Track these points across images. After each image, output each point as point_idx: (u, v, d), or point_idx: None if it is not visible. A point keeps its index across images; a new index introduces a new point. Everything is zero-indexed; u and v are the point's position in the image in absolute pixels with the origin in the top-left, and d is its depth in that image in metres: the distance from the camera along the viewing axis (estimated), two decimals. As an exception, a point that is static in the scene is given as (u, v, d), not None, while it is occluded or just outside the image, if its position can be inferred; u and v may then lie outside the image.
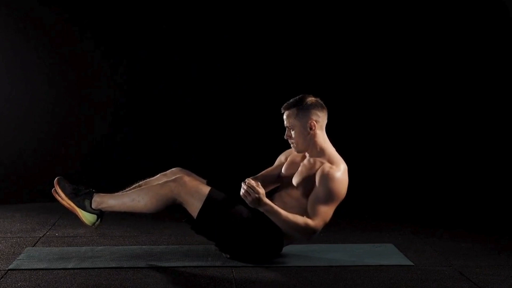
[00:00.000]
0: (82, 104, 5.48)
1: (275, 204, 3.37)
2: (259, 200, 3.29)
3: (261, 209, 3.33)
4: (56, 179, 3.50)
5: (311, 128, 3.45)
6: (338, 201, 3.40)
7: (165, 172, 3.65)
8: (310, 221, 3.34)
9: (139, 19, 5.44)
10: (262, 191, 3.31)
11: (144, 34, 5.45)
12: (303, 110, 3.45)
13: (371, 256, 3.58)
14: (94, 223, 3.49)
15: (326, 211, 3.37)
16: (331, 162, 3.42)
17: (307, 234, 3.35)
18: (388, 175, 5.38)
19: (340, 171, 3.40)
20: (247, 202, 3.32)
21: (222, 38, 5.46)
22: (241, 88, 5.48)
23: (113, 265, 3.37)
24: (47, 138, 5.43)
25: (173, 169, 3.66)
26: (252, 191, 3.28)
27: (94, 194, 3.48)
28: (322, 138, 3.48)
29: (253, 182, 3.30)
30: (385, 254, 3.62)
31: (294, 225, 3.33)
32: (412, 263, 3.45)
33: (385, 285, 3.10)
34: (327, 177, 3.36)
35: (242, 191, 3.31)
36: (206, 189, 3.41)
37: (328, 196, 3.36)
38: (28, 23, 5.36)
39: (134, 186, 3.60)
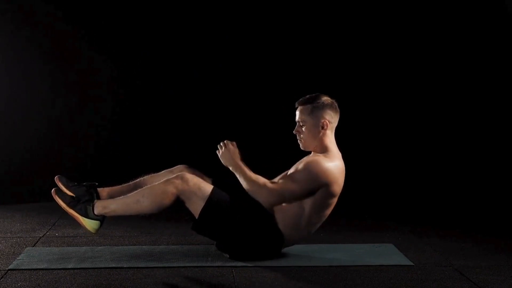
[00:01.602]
0: (82, 104, 5.48)
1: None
2: (228, 155, 3.43)
3: (231, 168, 3.44)
4: (53, 190, 3.47)
5: (322, 127, 3.45)
6: (310, 184, 3.33)
7: (171, 169, 3.64)
8: (269, 184, 3.38)
9: (140, 19, 5.45)
10: (235, 150, 3.45)
11: (145, 34, 5.45)
12: (317, 109, 3.45)
13: (371, 256, 3.58)
14: (97, 230, 3.47)
15: (289, 186, 3.35)
16: (328, 156, 3.42)
17: (261, 193, 3.36)
18: (388, 175, 5.38)
19: (329, 163, 3.37)
20: (219, 156, 3.46)
21: (224, 38, 5.46)
22: (242, 88, 5.48)
23: (113, 265, 3.37)
24: (47, 138, 5.44)
25: (179, 165, 3.65)
26: (225, 146, 3.45)
27: (95, 200, 3.47)
28: (330, 139, 3.48)
29: (229, 142, 3.47)
30: (385, 254, 3.62)
31: (254, 182, 3.38)
32: (412, 263, 3.45)
33: (385, 285, 3.10)
34: (311, 160, 3.38)
35: (218, 147, 3.48)
36: (209, 188, 3.41)
37: (302, 173, 3.34)
38: (28, 23, 5.36)
39: (138, 179, 3.60)
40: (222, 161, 3.48)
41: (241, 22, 5.46)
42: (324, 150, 3.46)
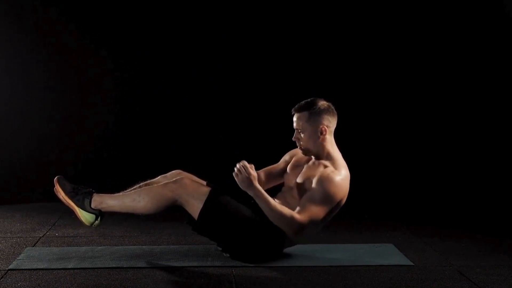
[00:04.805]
0: (82, 105, 5.48)
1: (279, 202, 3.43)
2: (249, 181, 3.30)
3: (250, 192, 3.34)
4: (56, 177, 3.51)
5: (321, 133, 3.45)
6: (331, 205, 3.38)
7: (165, 174, 3.65)
8: (297, 215, 3.33)
9: (139, 19, 5.44)
10: (254, 174, 3.33)
11: (144, 34, 5.45)
12: (314, 115, 3.45)
13: (371, 256, 3.59)
14: (92, 223, 3.49)
15: (316, 211, 3.35)
16: (335, 166, 3.43)
17: (292, 227, 3.32)
18: (388, 175, 5.38)
19: (340, 176, 3.40)
20: (237, 180, 3.33)
21: (222, 38, 5.46)
22: (241, 88, 5.48)
23: (113, 265, 3.37)
24: (47, 139, 5.43)
25: (173, 171, 3.66)
26: (244, 170, 3.31)
27: (94, 193, 3.48)
28: (331, 143, 3.49)
29: (247, 163, 3.33)
30: (385, 254, 3.62)
31: (281, 215, 3.31)
32: (412, 263, 3.45)
33: (385, 285, 3.11)
34: (326, 179, 3.37)
35: (235, 170, 3.33)
36: (206, 190, 3.41)
37: (322, 196, 3.35)
38: (28, 23, 5.36)
39: (134, 187, 3.60)
40: (240, 186, 3.36)
41: (239, 22, 5.45)
42: (327, 156, 3.48)
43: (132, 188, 3.58)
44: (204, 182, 3.56)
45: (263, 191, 3.34)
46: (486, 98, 5.41)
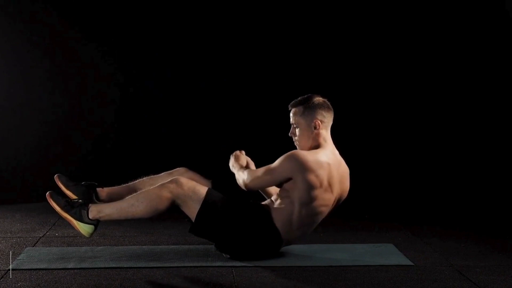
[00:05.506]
0: (82, 104, 5.48)
1: (271, 200, 3.51)
2: (233, 160, 3.57)
3: (232, 169, 3.58)
4: (48, 193, 3.47)
5: (315, 128, 3.45)
6: (280, 168, 3.37)
7: (170, 171, 3.65)
8: (250, 170, 3.50)
9: (139, 19, 5.44)
10: (242, 156, 3.61)
11: (144, 34, 5.45)
12: (309, 109, 3.46)
13: (371, 256, 3.59)
14: (92, 234, 3.47)
15: (264, 168, 3.43)
16: (312, 151, 3.42)
17: (240, 175, 3.49)
18: (388, 175, 5.38)
19: (308, 154, 3.37)
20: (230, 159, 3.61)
21: (222, 38, 5.46)
22: (241, 88, 5.48)
23: (113, 265, 3.37)
24: (47, 138, 5.44)
25: (179, 168, 3.66)
26: (234, 154, 3.62)
27: (90, 204, 3.47)
28: (324, 138, 3.48)
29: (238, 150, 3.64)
30: (385, 254, 3.62)
31: (240, 168, 3.52)
32: (412, 263, 3.45)
33: (385, 285, 3.11)
34: (291, 151, 3.42)
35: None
36: (203, 190, 3.41)
37: (276, 162, 3.40)
38: (28, 23, 5.36)
39: (138, 180, 3.62)
40: (230, 167, 3.59)
41: (239, 22, 5.45)
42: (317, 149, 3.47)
43: (135, 182, 3.61)
44: (209, 181, 3.56)
45: (240, 164, 3.56)
46: (486, 98, 5.42)
